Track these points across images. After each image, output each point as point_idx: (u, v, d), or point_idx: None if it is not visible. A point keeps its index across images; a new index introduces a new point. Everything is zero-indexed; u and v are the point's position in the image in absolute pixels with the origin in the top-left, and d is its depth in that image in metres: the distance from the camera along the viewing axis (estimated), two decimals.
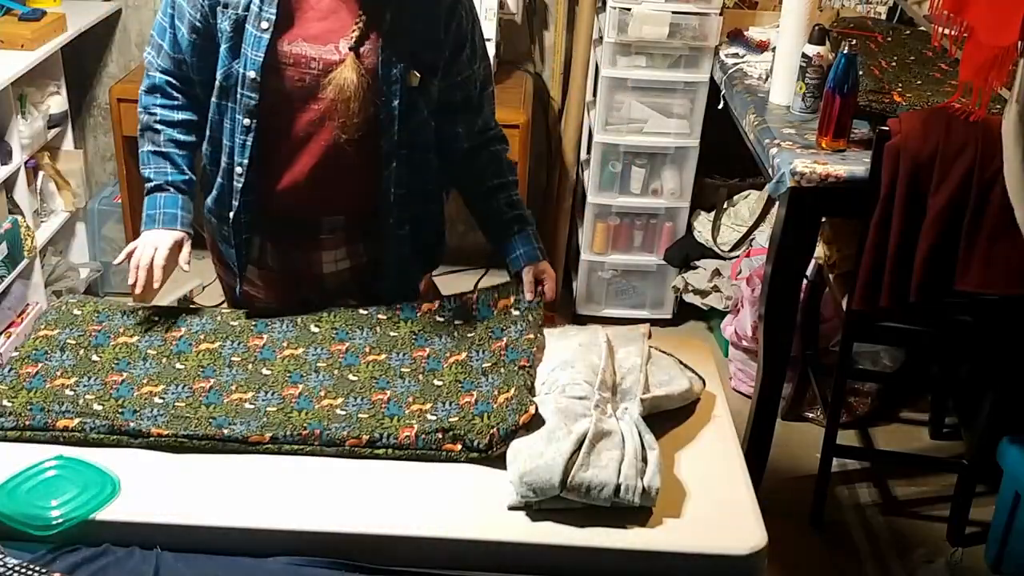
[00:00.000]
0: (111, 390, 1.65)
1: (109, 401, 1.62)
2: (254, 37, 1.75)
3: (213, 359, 1.73)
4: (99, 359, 1.71)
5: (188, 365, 1.72)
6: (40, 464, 1.50)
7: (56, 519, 1.41)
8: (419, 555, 1.45)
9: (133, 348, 1.75)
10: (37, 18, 3.16)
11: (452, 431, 1.56)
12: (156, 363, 1.72)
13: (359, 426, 1.57)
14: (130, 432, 1.55)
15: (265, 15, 1.73)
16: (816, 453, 2.71)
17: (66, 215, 3.49)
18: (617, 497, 1.47)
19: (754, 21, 3.34)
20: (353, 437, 1.55)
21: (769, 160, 2.45)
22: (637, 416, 1.59)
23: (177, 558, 1.41)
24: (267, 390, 1.67)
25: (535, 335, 1.78)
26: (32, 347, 1.74)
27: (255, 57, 1.75)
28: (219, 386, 1.67)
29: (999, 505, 2.58)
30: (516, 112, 3.19)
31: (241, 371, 1.70)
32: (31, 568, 1.37)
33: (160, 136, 1.89)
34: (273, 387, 1.67)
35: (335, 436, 1.55)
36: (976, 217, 2.24)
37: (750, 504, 1.54)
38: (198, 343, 1.77)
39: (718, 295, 3.44)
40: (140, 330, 1.80)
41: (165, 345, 1.76)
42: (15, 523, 1.40)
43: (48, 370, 1.69)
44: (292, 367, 1.72)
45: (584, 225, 3.58)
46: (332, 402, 1.64)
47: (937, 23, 2.17)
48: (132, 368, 1.71)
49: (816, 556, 2.66)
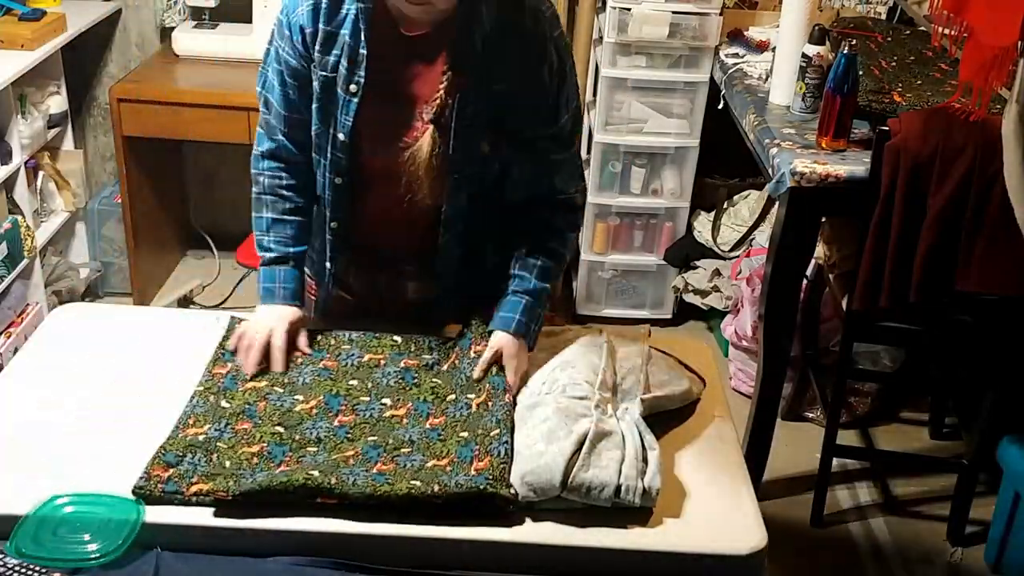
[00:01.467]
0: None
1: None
2: (344, 100, 1.69)
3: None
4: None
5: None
6: (49, 503, 1.46)
7: (94, 553, 1.39)
8: (419, 555, 1.44)
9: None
10: (37, 18, 3.16)
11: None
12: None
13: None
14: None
15: (355, 79, 1.68)
16: (816, 453, 2.71)
17: (66, 215, 3.50)
18: (617, 497, 1.47)
19: (754, 21, 3.35)
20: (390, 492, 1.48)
21: (769, 160, 2.45)
22: (638, 416, 1.59)
23: (177, 558, 1.40)
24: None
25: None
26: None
27: (345, 121, 1.70)
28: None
29: (999, 505, 2.58)
30: None
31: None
32: (31, 568, 1.37)
33: (282, 205, 1.82)
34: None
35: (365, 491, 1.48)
36: (976, 217, 2.25)
37: (750, 504, 1.54)
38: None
39: (718, 295, 3.44)
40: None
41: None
42: (55, 563, 1.39)
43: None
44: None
45: (584, 225, 3.57)
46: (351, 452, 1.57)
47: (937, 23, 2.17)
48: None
49: (816, 556, 2.66)
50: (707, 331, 3.63)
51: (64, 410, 1.66)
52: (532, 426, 1.56)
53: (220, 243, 3.87)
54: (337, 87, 1.70)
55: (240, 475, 1.49)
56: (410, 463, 1.53)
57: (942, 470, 2.91)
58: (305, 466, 1.51)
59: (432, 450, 1.56)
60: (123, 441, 1.59)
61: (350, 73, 1.68)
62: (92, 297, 3.65)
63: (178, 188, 3.89)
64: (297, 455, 1.55)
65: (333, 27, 1.68)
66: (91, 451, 1.57)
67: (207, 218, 3.93)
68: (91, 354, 1.82)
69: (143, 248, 3.54)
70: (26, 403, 1.68)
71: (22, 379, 1.76)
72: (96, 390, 1.72)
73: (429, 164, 1.69)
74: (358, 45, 1.67)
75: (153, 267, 3.70)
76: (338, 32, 1.68)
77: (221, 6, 3.47)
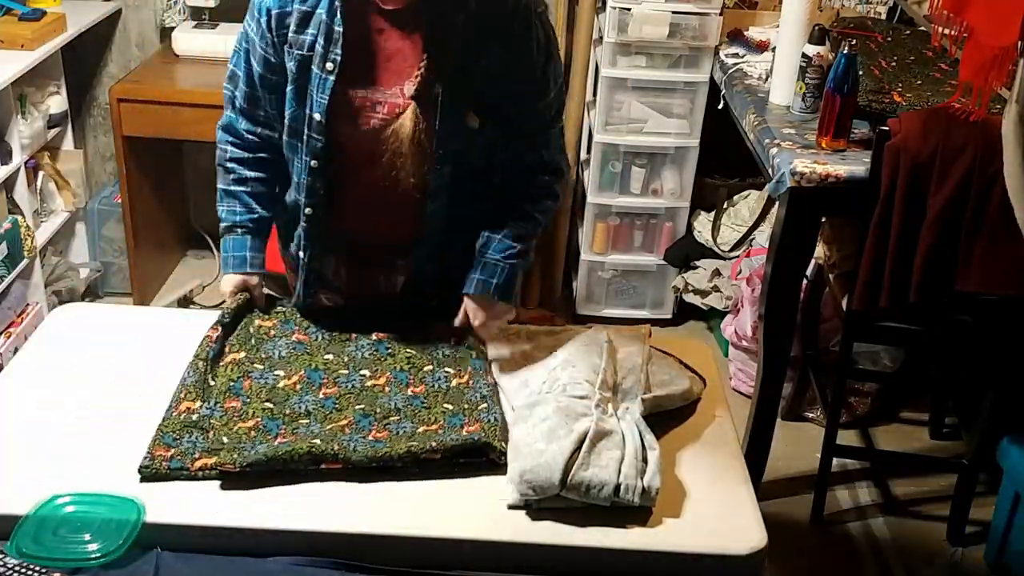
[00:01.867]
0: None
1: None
2: (319, 79, 1.69)
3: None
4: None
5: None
6: (49, 503, 1.46)
7: (94, 553, 1.39)
8: (419, 555, 1.44)
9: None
10: (37, 18, 3.16)
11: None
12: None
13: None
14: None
15: (331, 56, 1.67)
16: (816, 453, 2.71)
17: (66, 215, 3.50)
18: (617, 497, 1.47)
19: (754, 21, 3.35)
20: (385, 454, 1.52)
21: (769, 160, 2.45)
22: (638, 416, 1.59)
23: (177, 558, 1.40)
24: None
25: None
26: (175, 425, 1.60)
27: (320, 100, 1.70)
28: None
29: (999, 505, 2.58)
30: None
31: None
32: (31, 568, 1.37)
33: (230, 176, 1.85)
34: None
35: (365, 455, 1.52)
36: (976, 217, 2.25)
37: (750, 504, 1.54)
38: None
39: (718, 295, 3.44)
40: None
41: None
42: (56, 563, 1.39)
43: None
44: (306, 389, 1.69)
45: (584, 225, 3.58)
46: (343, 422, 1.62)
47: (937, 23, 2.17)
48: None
49: (816, 556, 2.66)
50: (707, 331, 3.63)
51: (64, 410, 1.66)
52: (532, 425, 1.56)
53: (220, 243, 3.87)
54: (313, 66, 1.70)
55: (241, 448, 1.52)
56: (401, 430, 1.59)
57: (942, 470, 2.91)
58: (302, 436, 1.55)
59: (419, 417, 1.62)
60: (123, 441, 1.59)
61: (326, 51, 1.68)
62: (92, 297, 3.65)
63: (178, 188, 3.89)
64: (291, 428, 1.59)
65: (308, 6, 1.69)
66: (91, 451, 1.57)
67: (207, 218, 3.93)
68: (91, 354, 1.82)
69: (143, 248, 3.54)
70: (26, 403, 1.69)
71: (22, 379, 1.76)
72: (96, 390, 1.72)
73: (413, 140, 1.69)
74: (333, 22, 1.67)
75: (153, 267, 3.70)
76: (313, 11, 1.69)
77: (221, 6, 3.47)
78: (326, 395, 1.66)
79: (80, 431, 1.61)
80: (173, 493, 1.49)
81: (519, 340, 1.81)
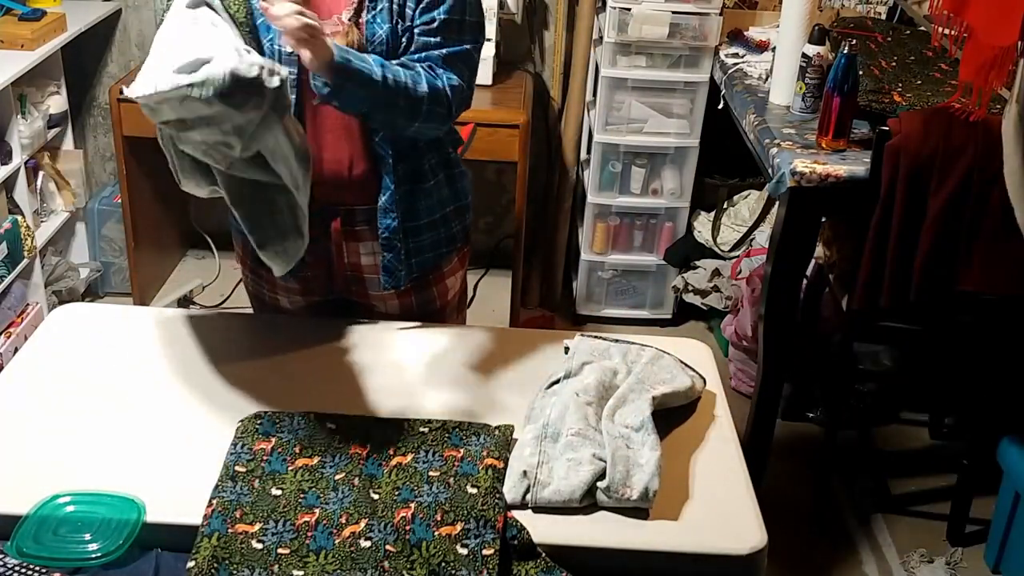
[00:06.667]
0: (306, 540, 1.43)
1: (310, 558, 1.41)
2: (264, 24, 1.78)
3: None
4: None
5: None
6: (49, 503, 1.46)
7: (94, 552, 1.40)
8: None
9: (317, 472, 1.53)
10: (37, 18, 3.16)
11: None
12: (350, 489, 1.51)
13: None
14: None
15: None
16: (816, 453, 2.71)
17: (66, 215, 3.50)
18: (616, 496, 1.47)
19: (754, 21, 3.35)
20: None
21: (769, 160, 2.45)
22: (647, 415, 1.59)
23: (177, 558, 1.41)
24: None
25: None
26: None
27: (269, 43, 1.81)
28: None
29: (999, 505, 2.58)
30: (516, 112, 3.19)
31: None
32: (31, 568, 1.37)
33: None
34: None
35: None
36: (976, 217, 2.25)
37: (750, 504, 1.54)
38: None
39: (718, 295, 3.44)
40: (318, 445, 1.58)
41: (352, 464, 1.56)
42: (55, 563, 1.39)
43: (226, 507, 1.46)
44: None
45: (584, 225, 3.58)
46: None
47: (937, 23, 2.17)
48: (324, 502, 1.48)
49: (816, 556, 2.66)
50: (707, 331, 3.63)
51: (64, 410, 1.67)
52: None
53: (220, 243, 3.86)
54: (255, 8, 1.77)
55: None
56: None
57: (942, 470, 2.91)
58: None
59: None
60: (123, 441, 1.59)
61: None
62: (92, 297, 3.65)
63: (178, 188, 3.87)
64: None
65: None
66: (91, 451, 1.57)
67: (207, 218, 3.93)
68: (91, 354, 1.82)
69: (143, 248, 3.53)
70: (26, 403, 1.69)
71: (22, 379, 1.76)
72: (96, 390, 1.72)
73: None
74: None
75: (153, 267, 3.70)
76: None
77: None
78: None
79: (80, 431, 1.61)
80: (173, 493, 1.49)
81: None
